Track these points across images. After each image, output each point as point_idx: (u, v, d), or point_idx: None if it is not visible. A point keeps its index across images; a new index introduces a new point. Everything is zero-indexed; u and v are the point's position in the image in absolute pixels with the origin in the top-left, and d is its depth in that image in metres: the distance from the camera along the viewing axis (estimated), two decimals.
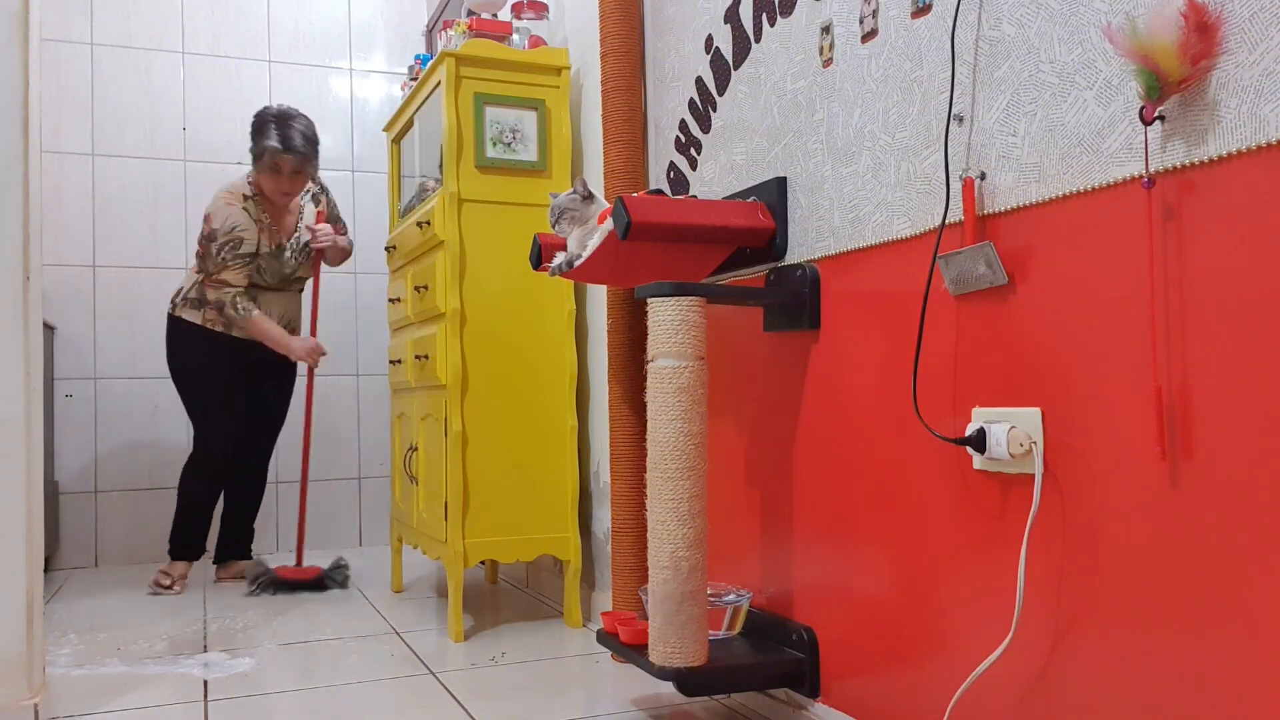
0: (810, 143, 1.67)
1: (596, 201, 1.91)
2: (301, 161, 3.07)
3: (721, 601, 1.80)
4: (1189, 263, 1.04)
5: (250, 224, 3.10)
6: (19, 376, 1.73)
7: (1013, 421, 1.25)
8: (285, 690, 2.04)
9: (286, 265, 3.23)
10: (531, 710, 1.87)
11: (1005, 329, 1.29)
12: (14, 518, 1.72)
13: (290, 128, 3.06)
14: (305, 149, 3.08)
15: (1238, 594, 1.00)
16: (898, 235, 1.47)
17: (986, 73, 1.30)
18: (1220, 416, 1.01)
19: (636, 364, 2.19)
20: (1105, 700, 1.14)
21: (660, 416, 1.59)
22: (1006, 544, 1.28)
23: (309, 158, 3.10)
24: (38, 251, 1.83)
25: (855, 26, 1.55)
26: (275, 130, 3.04)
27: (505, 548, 2.47)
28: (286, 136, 3.03)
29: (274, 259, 3.19)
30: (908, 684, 1.47)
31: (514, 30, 2.64)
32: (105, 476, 3.71)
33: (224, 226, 3.06)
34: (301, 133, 3.08)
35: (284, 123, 3.07)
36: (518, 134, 2.52)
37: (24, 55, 1.75)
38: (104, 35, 3.77)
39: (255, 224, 3.12)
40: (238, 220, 3.08)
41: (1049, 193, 1.21)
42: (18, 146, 1.74)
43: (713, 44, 1.99)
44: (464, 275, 2.45)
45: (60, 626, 2.67)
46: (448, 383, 2.44)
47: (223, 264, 3.08)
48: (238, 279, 3.09)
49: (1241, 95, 0.98)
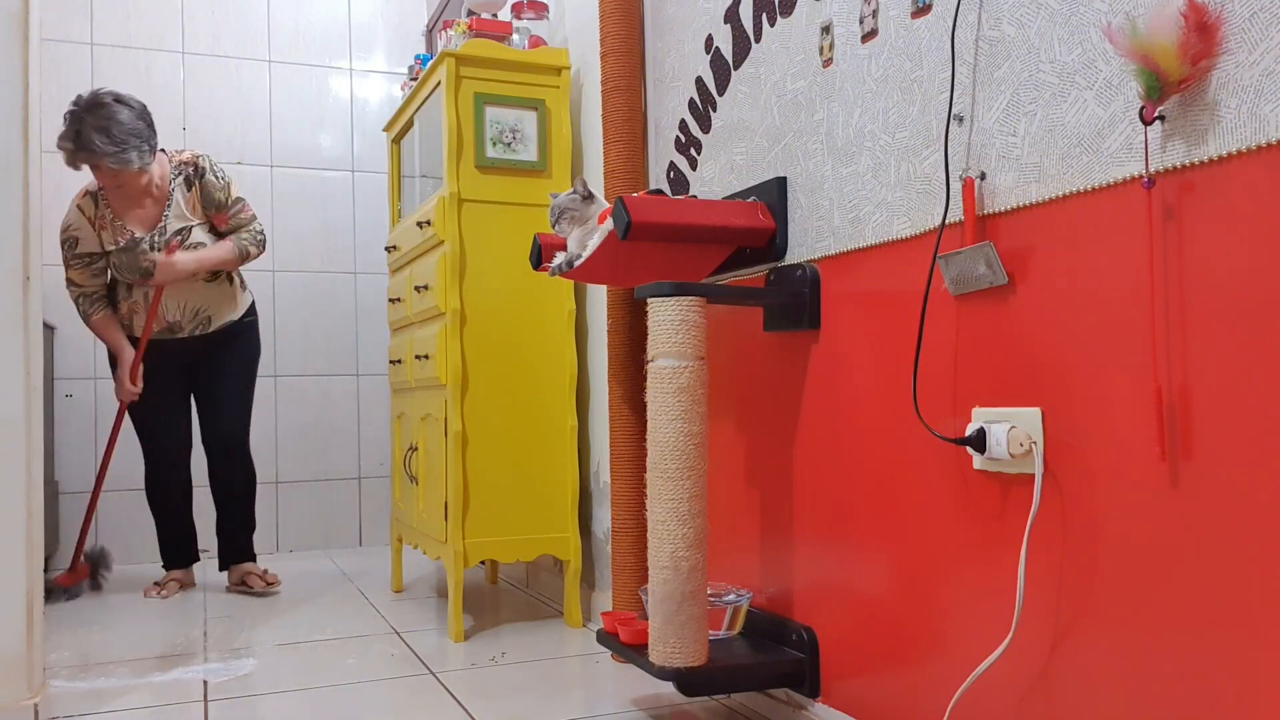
0: (810, 143, 1.67)
1: (596, 201, 1.91)
2: (97, 159, 2.73)
3: (721, 601, 1.80)
4: (1189, 263, 1.04)
5: (82, 222, 2.88)
6: (19, 376, 1.73)
7: (1013, 421, 1.25)
8: (285, 690, 2.04)
9: (146, 260, 2.91)
10: (531, 710, 1.87)
11: (1005, 329, 1.29)
12: (14, 518, 1.72)
13: (83, 121, 2.71)
14: (99, 145, 2.70)
15: (1238, 594, 1.00)
16: (898, 235, 1.47)
17: (986, 73, 1.30)
18: (1220, 416, 1.01)
19: (636, 364, 2.19)
20: (1105, 700, 1.14)
21: (660, 416, 1.59)
22: (1006, 544, 1.28)
23: (95, 150, 2.71)
24: (38, 251, 1.83)
25: (855, 26, 1.55)
26: (69, 125, 2.74)
27: (505, 548, 2.47)
28: (78, 133, 2.71)
29: (129, 254, 2.90)
30: (908, 684, 1.47)
31: (514, 30, 2.64)
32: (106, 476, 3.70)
33: (61, 227, 2.92)
34: (100, 127, 2.70)
35: (82, 115, 2.72)
36: (518, 134, 2.52)
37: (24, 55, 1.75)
38: (104, 35, 3.77)
39: (90, 222, 2.89)
40: (70, 219, 2.90)
41: (1049, 193, 1.21)
42: (18, 146, 1.74)
43: (713, 44, 1.99)
44: (464, 275, 2.45)
45: (60, 626, 2.67)
46: (448, 383, 2.44)
47: (66, 264, 2.94)
48: (81, 279, 2.93)
49: (1241, 95, 0.98)
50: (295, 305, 3.98)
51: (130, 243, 2.91)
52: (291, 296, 3.97)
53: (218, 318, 3.09)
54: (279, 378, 3.94)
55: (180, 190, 2.98)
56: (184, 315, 3.03)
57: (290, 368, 3.97)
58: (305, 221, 4.01)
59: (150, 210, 2.94)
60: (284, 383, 3.95)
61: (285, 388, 3.95)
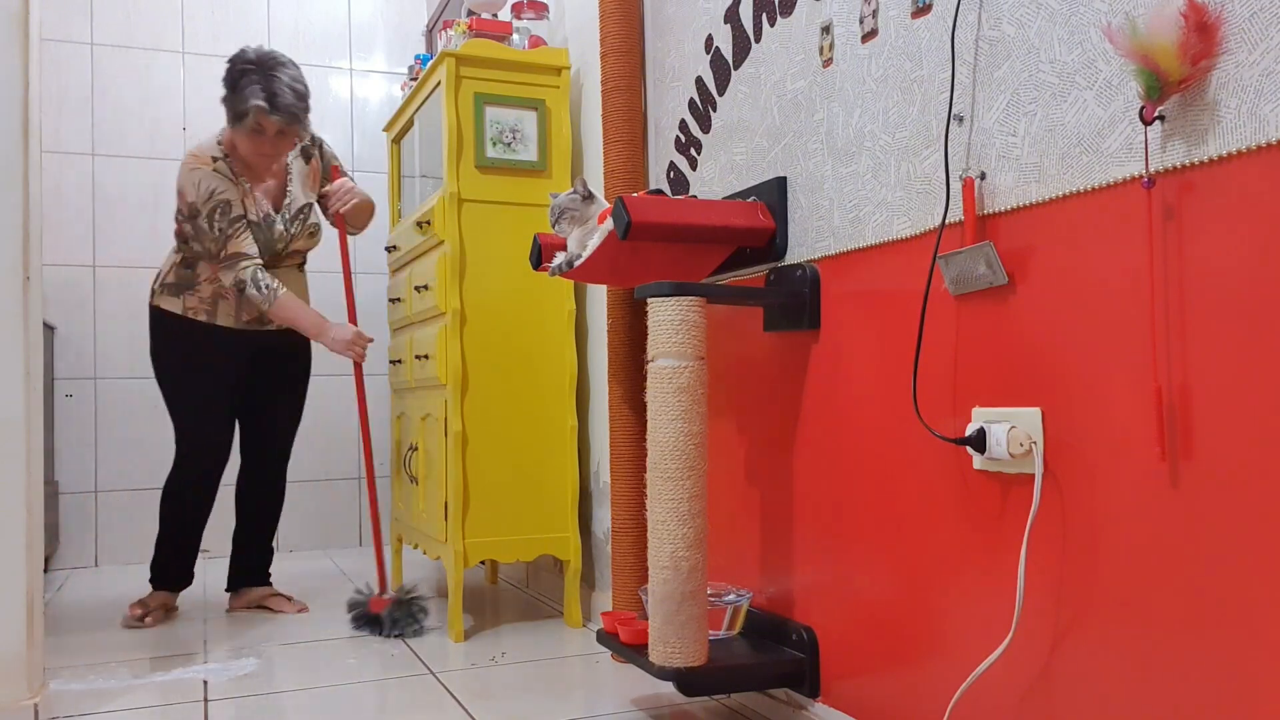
0: (810, 143, 1.67)
1: (596, 201, 1.91)
2: (289, 121, 2.54)
3: (721, 601, 1.80)
4: (1189, 263, 1.04)
5: (229, 185, 2.59)
6: (19, 376, 1.73)
7: (1013, 421, 1.25)
8: (285, 690, 2.04)
9: (278, 239, 2.69)
10: (531, 710, 1.87)
11: (1005, 329, 1.29)
12: (14, 518, 1.72)
13: (275, 79, 2.51)
14: (296, 106, 2.54)
15: (1238, 594, 1.00)
16: (898, 235, 1.47)
17: (986, 73, 1.30)
18: (1220, 416, 1.01)
19: (636, 364, 2.19)
20: (1105, 700, 1.14)
21: (660, 416, 1.59)
22: (1006, 544, 1.28)
23: (298, 117, 2.55)
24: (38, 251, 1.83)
25: (855, 26, 1.55)
26: (258, 84, 2.49)
27: (505, 548, 2.47)
28: (273, 92, 2.49)
29: (261, 231, 2.65)
30: (908, 684, 1.47)
31: (514, 30, 2.64)
32: (105, 476, 3.71)
33: (202, 195, 2.56)
34: (290, 86, 2.53)
35: (268, 73, 2.51)
36: (518, 134, 2.52)
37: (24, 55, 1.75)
38: (104, 35, 3.77)
39: (234, 185, 2.60)
40: (210, 184, 2.56)
41: (1049, 193, 1.21)
42: (18, 146, 1.74)
43: (713, 44, 1.99)
44: (464, 275, 2.45)
45: (60, 626, 2.67)
46: (448, 383, 2.44)
47: (223, 236, 2.56)
48: (250, 247, 2.57)
49: (1241, 95, 0.98)
50: None
51: (267, 219, 2.64)
52: None
53: None
54: None
55: (298, 164, 2.74)
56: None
57: None
58: None
59: (272, 186, 2.70)
60: None
61: None
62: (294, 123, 2.55)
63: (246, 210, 2.61)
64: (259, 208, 2.64)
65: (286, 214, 2.70)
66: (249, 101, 2.48)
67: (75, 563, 3.66)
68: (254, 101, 2.48)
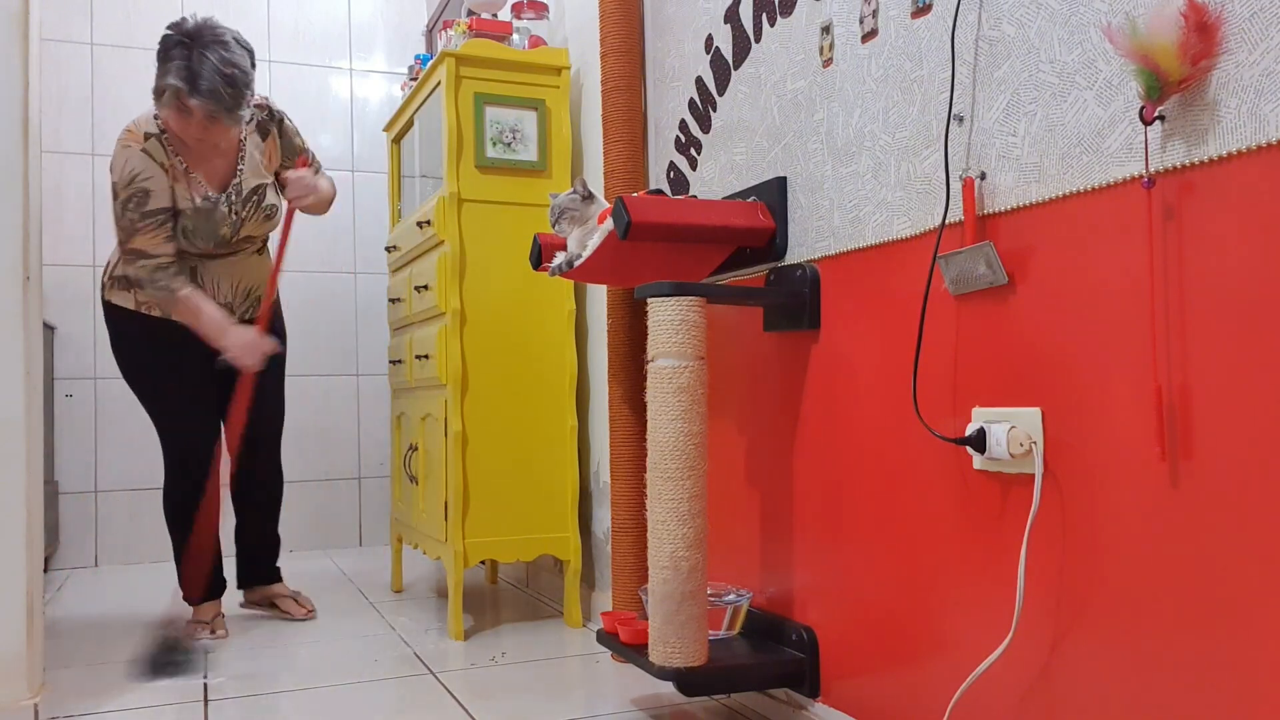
0: (810, 143, 1.67)
1: (596, 201, 1.91)
2: (213, 107, 2.24)
3: (721, 601, 1.80)
4: (1189, 263, 1.04)
5: (155, 170, 2.31)
6: (19, 376, 1.73)
7: (1013, 421, 1.25)
8: (285, 690, 2.04)
9: (223, 224, 2.42)
10: (531, 710, 1.87)
11: (1005, 329, 1.29)
12: (14, 518, 1.72)
13: (204, 58, 2.20)
14: (221, 91, 2.23)
15: (1238, 594, 1.00)
16: (898, 235, 1.47)
17: (986, 73, 1.30)
18: (1220, 416, 1.01)
19: (636, 364, 2.19)
20: (1105, 700, 1.14)
21: (660, 416, 1.59)
22: (1006, 544, 1.28)
23: (223, 103, 2.24)
24: (38, 251, 1.83)
25: (855, 26, 1.55)
26: (183, 61, 2.20)
27: (505, 548, 2.47)
28: (195, 73, 2.20)
29: (202, 218, 2.39)
30: (908, 684, 1.47)
31: (514, 30, 2.64)
32: (105, 476, 3.71)
33: (124, 178, 2.29)
34: (218, 68, 2.21)
35: (199, 50, 2.21)
36: (518, 134, 2.52)
37: (24, 55, 1.75)
38: (104, 35, 3.77)
39: (163, 170, 2.33)
40: (135, 166, 2.29)
41: (1049, 193, 1.21)
42: (18, 146, 1.74)
43: (713, 44, 1.99)
44: (464, 275, 2.45)
45: (60, 627, 2.67)
46: (448, 383, 2.44)
47: (131, 227, 2.31)
48: (156, 246, 2.32)
49: (1241, 95, 0.98)
50: (295, 305, 3.96)
51: (208, 202, 2.38)
52: (291, 296, 3.96)
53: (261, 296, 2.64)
54: None
55: (254, 141, 2.48)
56: (236, 295, 2.55)
57: (290, 368, 3.94)
58: (305, 221, 3.99)
59: (219, 165, 2.43)
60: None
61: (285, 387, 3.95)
62: (218, 106, 2.24)
63: (176, 200, 2.36)
64: (195, 191, 2.38)
65: (233, 195, 2.44)
66: (166, 78, 2.21)
67: (75, 563, 3.66)
68: (170, 80, 2.20)
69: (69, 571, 3.60)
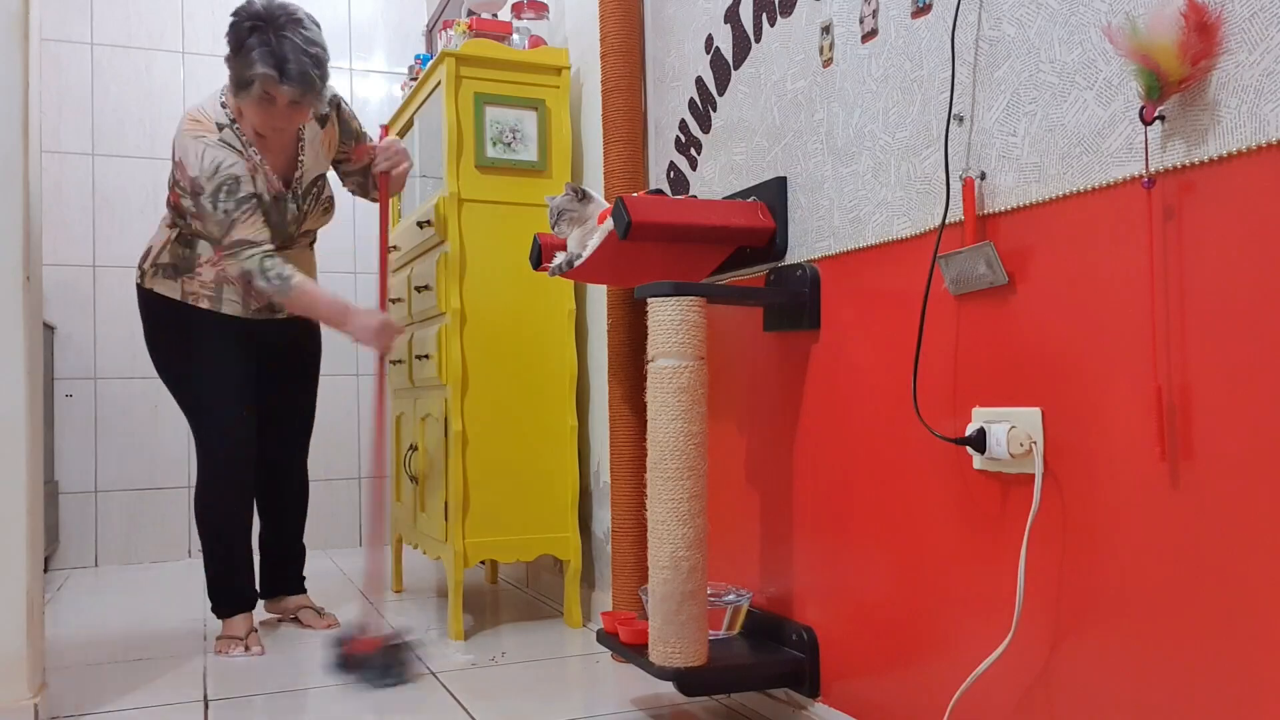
0: (810, 143, 1.67)
1: (594, 201, 1.91)
2: (302, 91, 2.16)
3: (721, 601, 1.80)
4: (1189, 263, 1.04)
5: (237, 157, 2.25)
6: (19, 376, 1.73)
7: (1013, 421, 1.25)
8: (285, 690, 2.04)
9: (290, 218, 2.38)
10: (531, 710, 1.87)
11: (1005, 329, 1.29)
12: (14, 518, 1.72)
13: (285, 40, 2.13)
14: (310, 74, 2.16)
15: (1238, 594, 1.00)
16: (898, 235, 1.47)
17: (986, 73, 1.30)
18: (1220, 416, 1.01)
19: (636, 364, 2.19)
20: (1105, 700, 1.14)
21: (660, 416, 1.59)
22: (1006, 544, 1.28)
23: (313, 85, 2.17)
24: (38, 251, 1.83)
25: (855, 26, 1.55)
26: (266, 47, 2.12)
27: (505, 548, 2.47)
28: (282, 57, 2.12)
29: (276, 212, 2.34)
30: (908, 684, 1.47)
31: (514, 30, 2.64)
32: (105, 476, 3.71)
33: (206, 169, 2.20)
34: (304, 49, 2.14)
35: (278, 33, 2.13)
36: (518, 134, 2.52)
37: (24, 55, 1.75)
38: (104, 35, 3.77)
39: (243, 158, 2.26)
40: (220, 156, 2.21)
41: (1049, 193, 1.21)
42: (18, 146, 1.74)
43: (713, 44, 1.99)
44: (464, 275, 2.45)
45: (61, 627, 2.67)
46: (448, 383, 2.44)
47: (228, 219, 2.20)
48: (258, 232, 2.22)
49: (1241, 95, 0.98)
50: None
51: (279, 198, 2.31)
52: None
53: None
54: None
55: (312, 129, 2.39)
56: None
57: None
58: None
59: (283, 159, 2.35)
60: None
61: None
62: (308, 92, 2.18)
63: (257, 187, 2.28)
64: (271, 183, 2.32)
65: (298, 189, 2.38)
66: (254, 68, 2.11)
67: (75, 563, 3.67)
68: (260, 69, 2.11)
69: (69, 571, 3.60)
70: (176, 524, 3.79)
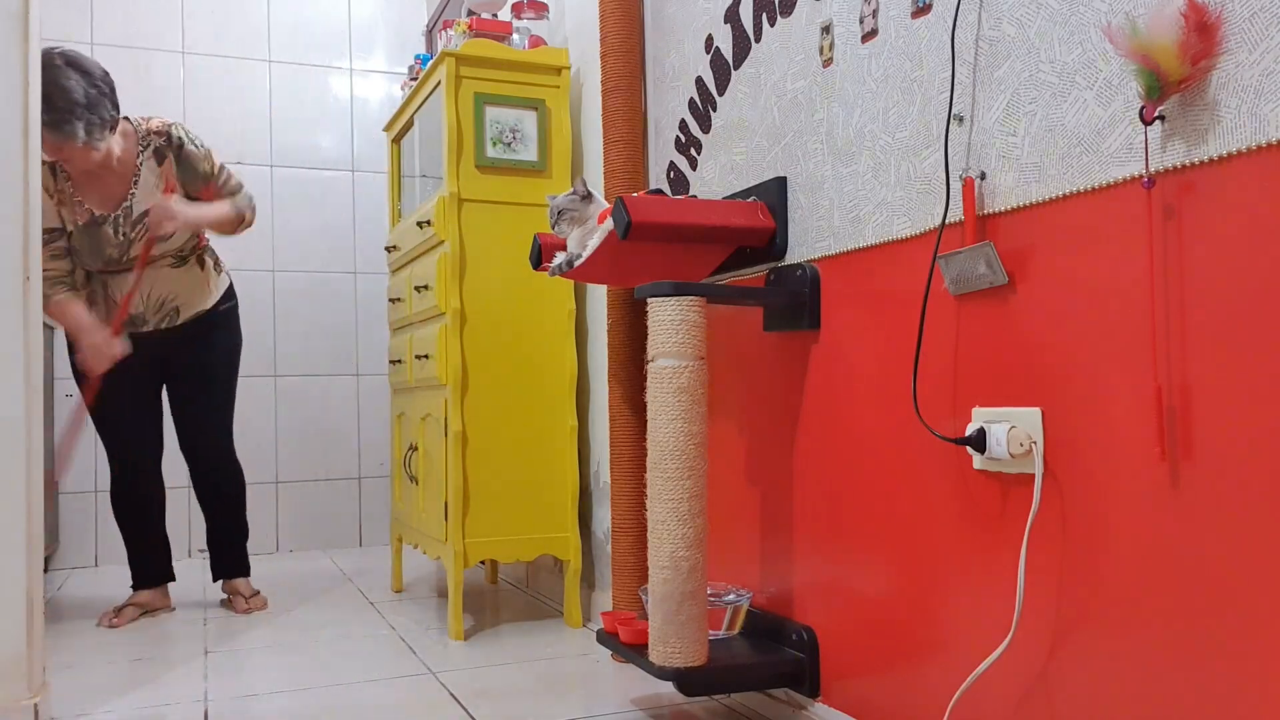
0: (810, 143, 1.67)
1: (596, 201, 1.91)
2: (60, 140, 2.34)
3: (721, 601, 1.80)
4: (1189, 263, 1.04)
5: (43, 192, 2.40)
6: (19, 376, 1.73)
7: (1013, 421, 1.25)
8: (285, 690, 2.04)
9: (109, 245, 2.55)
10: (531, 710, 1.87)
11: (1005, 329, 1.29)
12: (14, 518, 1.72)
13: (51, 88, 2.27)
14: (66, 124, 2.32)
15: (1238, 594, 1.00)
16: (898, 235, 1.47)
17: (986, 73, 1.30)
18: (1220, 416, 1.01)
19: (636, 364, 2.19)
20: (1105, 700, 1.14)
21: (660, 416, 1.59)
22: (1006, 544, 1.28)
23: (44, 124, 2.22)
24: (38, 251, 1.83)
25: (855, 26, 1.55)
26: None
27: (505, 548, 2.47)
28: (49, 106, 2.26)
29: (88, 236, 2.52)
30: (908, 684, 1.47)
31: (514, 30, 2.64)
32: (105, 476, 3.70)
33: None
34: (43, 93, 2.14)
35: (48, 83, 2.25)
36: (518, 134, 2.52)
37: (24, 55, 1.75)
38: (104, 35, 3.77)
39: (46, 193, 2.46)
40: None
41: (1049, 192, 1.21)
42: (18, 146, 1.74)
43: (713, 44, 1.99)
44: (464, 275, 2.45)
45: (60, 626, 2.67)
46: (448, 383, 2.44)
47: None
48: (48, 262, 2.49)
49: (1241, 95, 0.98)
50: (295, 305, 3.98)
51: (91, 221, 2.52)
52: (291, 296, 3.97)
53: (187, 308, 2.73)
54: (279, 378, 3.94)
55: (149, 166, 2.57)
56: (148, 306, 2.67)
57: (290, 368, 3.97)
58: (305, 221, 4.01)
59: (113, 188, 2.54)
60: (284, 383, 3.95)
61: (285, 388, 3.95)
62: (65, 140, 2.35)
63: (63, 219, 2.52)
64: (78, 213, 2.52)
65: (122, 217, 2.54)
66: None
67: (75, 563, 3.66)
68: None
69: (69, 571, 3.59)
70: (175, 524, 3.78)
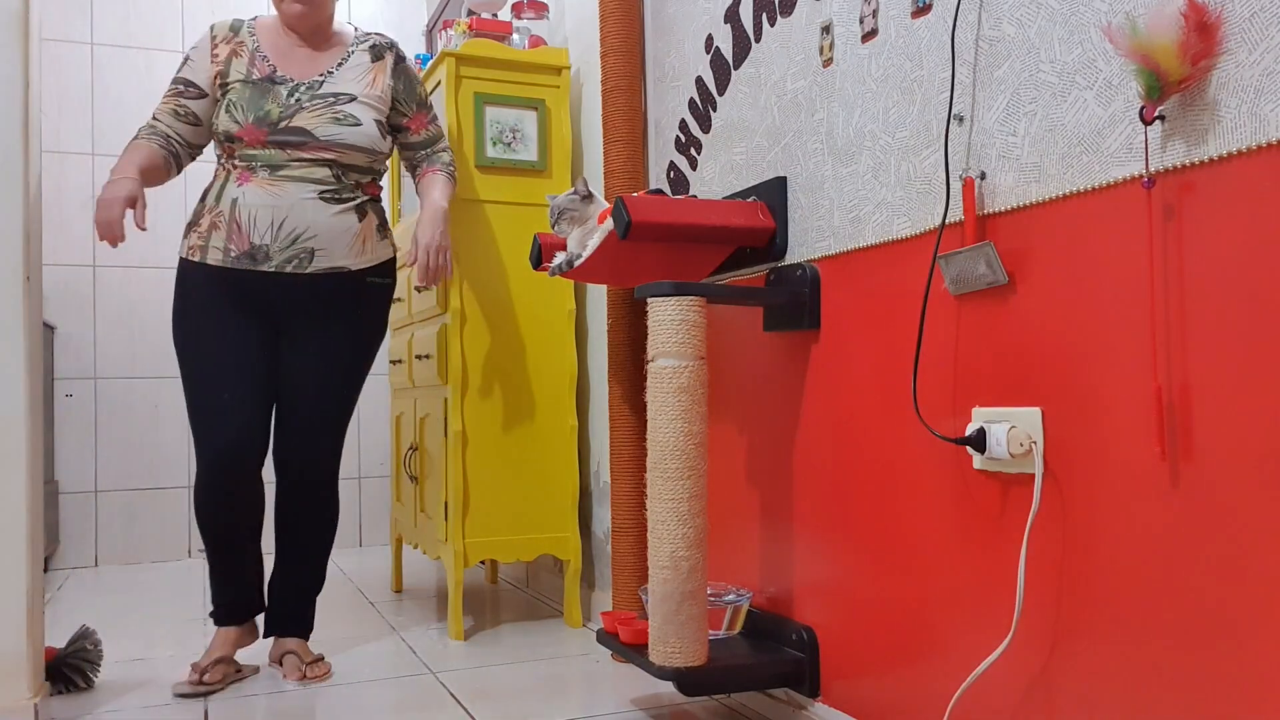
0: (810, 142, 1.67)
1: (596, 201, 1.91)
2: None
3: (721, 601, 1.80)
4: (1189, 263, 1.04)
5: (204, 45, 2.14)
6: (19, 376, 1.73)
7: (1013, 421, 1.25)
8: (285, 690, 2.04)
9: (273, 102, 2.05)
10: (531, 710, 1.87)
11: (1005, 329, 1.29)
12: (14, 518, 1.72)
13: None
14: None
15: (1237, 594, 1.00)
16: (898, 235, 1.47)
17: (986, 72, 1.30)
18: (1220, 416, 1.01)
19: (636, 364, 2.19)
20: (1105, 700, 1.14)
21: (660, 416, 1.59)
22: (1006, 544, 1.28)
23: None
24: (38, 251, 1.83)
25: (855, 26, 1.55)
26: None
27: (505, 548, 2.47)
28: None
29: (254, 89, 2.06)
30: (908, 684, 1.47)
31: (514, 30, 2.64)
32: (105, 476, 3.71)
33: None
34: None
35: None
36: (518, 134, 2.52)
37: (24, 55, 1.75)
38: (104, 35, 3.77)
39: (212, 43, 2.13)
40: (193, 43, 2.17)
41: (1049, 192, 1.21)
42: (18, 146, 1.74)
43: (713, 44, 1.99)
44: (464, 275, 2.45)
45: (61, 627, 2.66)
46: (448, 383, 2.44)
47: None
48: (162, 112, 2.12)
49: (1241, 95, 0.98)
50: None
51: (269, 76, 2.08)
52: None
53: (324, 257, 2.05)
54: None
55: (360, 56, 2.16)
56: (275, 237, 2.02)
57: None
58: None
59: (307, 65, 2.12)
60: None
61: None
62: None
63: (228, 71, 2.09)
64: (257, 66, 2.09)
65: (306, 85, 2.09)
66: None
67: (75, 563, 3.66)
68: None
69: (69, 571, 3.60)
70: (176, 524, 3.79)
